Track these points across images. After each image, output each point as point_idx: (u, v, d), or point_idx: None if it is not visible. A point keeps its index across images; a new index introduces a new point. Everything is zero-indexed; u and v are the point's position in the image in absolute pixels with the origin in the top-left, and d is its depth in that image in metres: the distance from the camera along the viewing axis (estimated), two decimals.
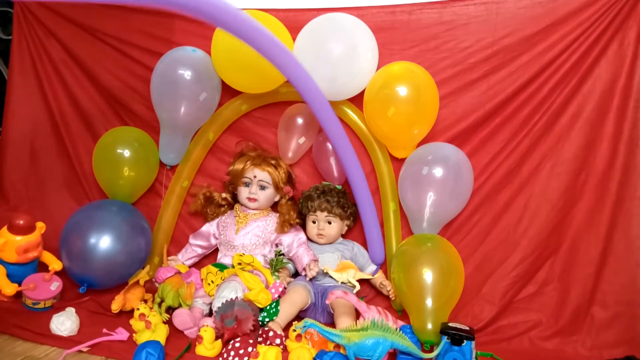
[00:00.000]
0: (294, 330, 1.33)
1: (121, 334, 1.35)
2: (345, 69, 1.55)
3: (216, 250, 1.78)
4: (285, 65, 1.33)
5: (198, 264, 1.79)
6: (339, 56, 1.55)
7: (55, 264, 1.57)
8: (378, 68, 1.63)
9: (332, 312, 1.48)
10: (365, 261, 1.68)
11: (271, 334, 1.34)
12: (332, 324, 1.46)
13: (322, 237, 1.69)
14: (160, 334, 1.33)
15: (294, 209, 1.71)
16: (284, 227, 1.67)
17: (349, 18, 1.61)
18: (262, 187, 1.71)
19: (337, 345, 1.30)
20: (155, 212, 1.82)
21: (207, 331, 1.32)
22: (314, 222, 1.70)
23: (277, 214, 1.73)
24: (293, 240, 1.68)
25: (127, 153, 1.70)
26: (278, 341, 1.33)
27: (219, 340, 1.33)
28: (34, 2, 1.95)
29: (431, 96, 1.56)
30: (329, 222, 1.68)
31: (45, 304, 1.48)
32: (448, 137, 1.65)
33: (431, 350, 1.31)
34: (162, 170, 1.83)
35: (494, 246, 1.62)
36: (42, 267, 1.60)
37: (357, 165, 1.57)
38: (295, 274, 1.71)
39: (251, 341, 1.28)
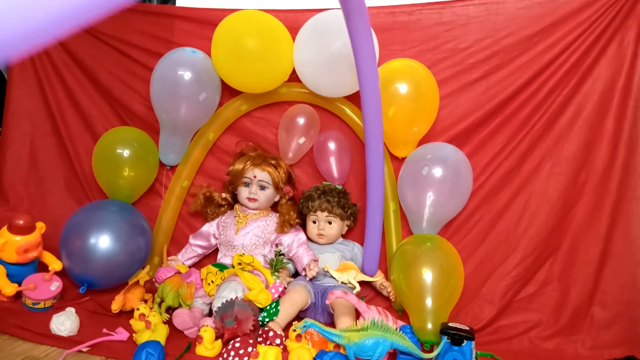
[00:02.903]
0: (294, 330, 1.33)
1: (121, 334, 1.35)
2: (345, 62, 1.55)
3: (216, 250, 1.78)
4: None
5: (198, 264, 1.79)
6: (339, 50, 1.54)
7: (55, 264, 1.57)
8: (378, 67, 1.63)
9: (332, 312, 1.48)
10: None
11: (271, 334, 1.34)
12: (332, 324, 1.46)
13: (322, 237, 1.69)
14: (160, 334, 1.33)
15: (294, 209, 1.71)
16: (284, 227, 1.67)
17: None
18: (262, 187, 1.71)
19: (337, 345, 1.30)
20: (155, 212, 1.82)
21: (207, 331, 1.32)
22: (314, 222, 1.70)
23: (277, 214, 1.73)
24: (293, 240, 1.68)
25: (127, 153, 1.70)
26: (278, 341, 1.33)
27: (219, 340, 1.33)
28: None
29: (431, 93, 1.56)
30: (330, 222, 1.68)
31: (45, 304, 1.48)
32: (448, 137, 1.65)
33: (431, 350, 1.31)
34: (162, 170, 1.83)
35: (494, 246, 1.62)
36: (42, 267, 1.60)
37: (381, 190, 1.53)
38: (295, 274, 1.71)
39: (251, 341, 1.28)
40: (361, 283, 1.59)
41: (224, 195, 1.78)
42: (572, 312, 1.53)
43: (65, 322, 1.34)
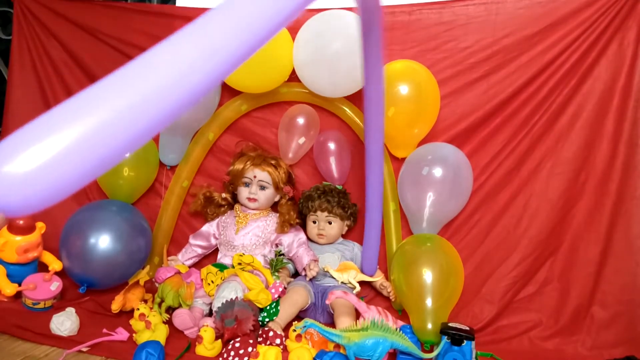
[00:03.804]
0: (294, 330, 1.33)
1: (121, 334, 1.35)
2: (345, 63, 1.55)
3: (216, 250, 1.78)
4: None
5: (198, 264, 1.79)
6: (338, 50, 1.54)
7: (55, 264, 1.57)
8: None
9: (332, 312, 1.48)
10: None
11: (271, 334, 1.34)
12: (332, 324, 1.45)
13: (322, 237, 1.69)
14: (160, 334, 1.33)
15: (294, 209, 1.71)
16: (284, 227, 1.67)
17: (350, 14, 1.61)
18: (262, 187, 1.71)
19: (337, 345, 1.30)
20: (155, 212, 1.82)
21: (207, 331, 1.32)
22: (314, 222, 1.70)
23: (277, 214, 1.73)
24: (293, 240, 1.68)
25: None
26: (278, 341, 1.33)
27: (219, 340, 1.33)
28: (34, 1, 1.95)
29: (432, 94, 1.56)
30: (330, 222, 1.68)
31: (45, 304, 1.48)
32: (448, 137, 1.65)
33: (431, 350, 1.31)
34: (162, 170, 1.83)
35: (494, 246, 1.62)
36: (42, 267, 1.60)
37: (380, 190, 1.52)
38: (295, 274, 1.71)
39: (251, 341, 1.28)
40: (361, 283, 1.59)
41: (224, 195, 1.78)
42: (572, 312, 1.53)
43: (65, 322, 1.34)
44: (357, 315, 1.46)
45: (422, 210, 1.53)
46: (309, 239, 1.72)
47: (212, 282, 1.51)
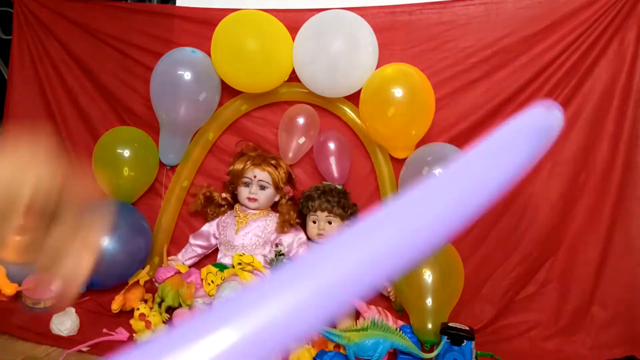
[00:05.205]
0: None
1: (121, 334, 1.36)
2: (345, 61, 1.54)
3: (216, 250, 1.78)
4: None
5: (198, 264, 1.79)
6: (339, 50, 1.54)
7: None
8: (378, 67, 1.63)
9: None
10: None
11: None
12: (332, 324, 1.46)
13: (322, 237, 1.68)
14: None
15: (294, 209, 1.71)
16: (284, 227, 1.67)
17: (350, 14, 1.61)
18: (262, 187, 1.71)
19: (337, 345, 1.30)
20: (155, 212, 1.82)
21: None
22: (314, 222, 1.70)
23: (277, 214, 1.73)
24: (293, 241, 1.68)
25: (127, 153, 1.70)
26: None
27: None
28: (33, 1, 1.95)
29: (426, 96, 1.56)
30: (330, 222, 1.68)
31: (45, 304, 1.48)
32: (448, 138, 1.65)
33: (431, 350, 1.31)
34: (162, 170, 1.83)
35: (494, 246, 1.61)
36: None
37: None
38: None
39: None
40: None
41: (224, 195, 1.78)
42: (572, 312, 1.53)
43: (65, 322, 1.34)
44: (357, 315, 1.45)
45: None
46: (309, 239, 1.72)
47: (212, 282, 1.51)
